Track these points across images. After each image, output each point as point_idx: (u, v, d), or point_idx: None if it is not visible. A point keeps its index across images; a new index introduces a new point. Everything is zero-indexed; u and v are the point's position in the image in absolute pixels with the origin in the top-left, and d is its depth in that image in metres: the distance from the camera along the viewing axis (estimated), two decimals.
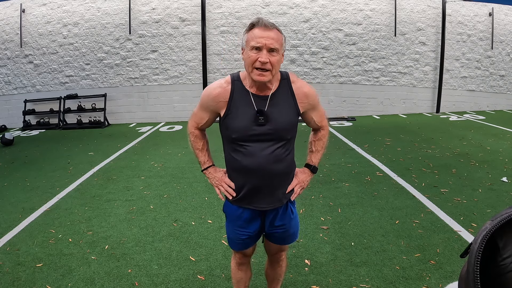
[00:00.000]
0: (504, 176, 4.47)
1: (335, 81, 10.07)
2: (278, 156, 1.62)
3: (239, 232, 1.78)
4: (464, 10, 10.19)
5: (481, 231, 0.52)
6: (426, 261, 2.68)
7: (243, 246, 1.85)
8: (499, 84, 10.70)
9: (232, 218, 1.78)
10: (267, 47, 1.48)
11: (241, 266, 2.00)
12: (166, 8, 9.60)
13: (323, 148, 1.85)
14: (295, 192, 1.76)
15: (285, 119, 1.61)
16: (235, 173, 1.70)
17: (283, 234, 1.81)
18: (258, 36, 1.49)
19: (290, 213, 1.79)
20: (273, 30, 1.50)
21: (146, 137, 7.91)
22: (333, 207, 3.74)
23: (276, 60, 1.51)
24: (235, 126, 1.60)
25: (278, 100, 1.61)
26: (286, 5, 9.64)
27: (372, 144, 6.49)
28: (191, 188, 4.44)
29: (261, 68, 1.49)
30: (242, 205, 1.72)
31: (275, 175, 1.65)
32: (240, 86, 1.62)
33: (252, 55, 1.49)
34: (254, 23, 1.52)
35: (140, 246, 3.07)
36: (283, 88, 1.63)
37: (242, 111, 1.59)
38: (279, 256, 1.99)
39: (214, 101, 1.64)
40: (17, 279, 2.63)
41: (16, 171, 5.51)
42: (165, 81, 9.89)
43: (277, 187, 1.69)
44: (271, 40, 1.48)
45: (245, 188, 1.67)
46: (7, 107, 10.24)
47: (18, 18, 9.77)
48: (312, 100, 1.70)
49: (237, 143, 1.62)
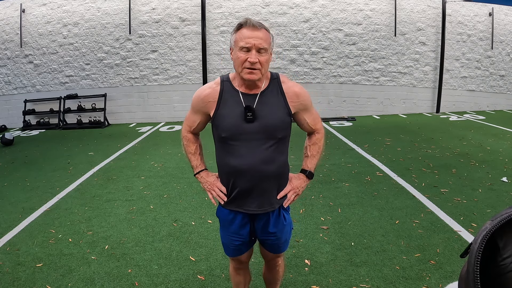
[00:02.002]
0: (504, 176, 4.47)
1: (335, 81, 10.07)
2: (269, 157, 1.60)
3: (232, 238, 1.77)
4: (464, 10, 10.19)
5: (481, 231, 0.52)
6: (426, 261, 2.68)
7: (236, 252, 1.83)
8: (499, 84, 10.70)
9: (225, 223, 1.77)
10: (256, 47, 1.49)
11: (239, 270, 2.00)
12: (166, 8, 9.60)
13: (319, 152, 1.79)
14: (288, 198, 1.72)
15: (274, 116, 1.59)
16: (225, 174, 1.69)
17: (276, 242, 1.79)
18: (246, 37, 1.49)
19: (283, 220, 1.76)
20: (261, 29, 1.51)
21: (146, 137, 7.91)
22: (333, 207, 3.74)
23: (265, 59, 1.52)
24: (224, 124, 1.60)
25: (268, 98, 1.61)
26: (286, 5, 9.64)
27: (372, 144, 6.49)
28: (191, 188, 4.44)
29: (250, 67, 1.51)
30: (233, 208, 1.70)
31: (265, 177, 1.62)
32: (229, 86, 1.63)
33: (241, 56, 1.50)
34: (242, 23, 1.52)
35: (140, 246, 3.07)
36: (272, 87, 1.63)
37: (231, 109, 1.59)
38: (275, 262, 1.98)
39: (203, 102, 1.65)
40: (17, 279, 2.63)
41: (16, 171, 5.51)
42: (165, 81, 9.89)
43: (267, 190, 1.66)
44: (259, 40, 1.49)
45: (235, 190, 1.66)
46: (7, 107, 10.24)
47: (18, 18, 9.77)
48: (304, 100, 1.67)
49: (227, 142, 1.61)
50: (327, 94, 10.02)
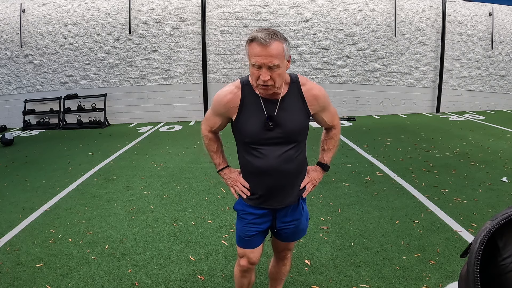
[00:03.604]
0: (504, 176, 4.47)
1: (335, 81, 10.07)
2: (289, 157, 1.67)
3: (249, 228, 1.79)
4: (464, 10, 10.19)
5: (481, 231, 0.52)
6: (426, 261, 2.68)
7: (249, 244, 1.83)
8: (499, 84, 10.70)
9: (245, 213, 1.80)
10: (266, 66, 1.48)
11: (245, 273, 1.96)
12: (166, 8, 9.60)
13: (335, 146, 1.88)
14: (306, 189, 1.81)
15: (294, 123, 1.64)
16: (249, 175, 1.75)
17: (294, 229, 1.84)
18: (256, 54, 1.46)
19: (301, 209, 1.83)
20: (271, 44, 1.45)
21: (146, 137, 7.91)
22: (333, 207, 3.74)
23: (278, 74, 1.50)
24: (247, 131, 1.65)
25: (288, 104, 1.64)
26: (286, 5, 9.64)
27: (372, 144, 6.49)
28: (191, 188, 4.44)
29: (263, 84, 1.52)
30: (255, 205, 1.76)
31: (286, 175, 1.69)
32: (250, 90, 1.64)
33: (254, 72, 1.52)
34: (252, 38, 1.47)
35: (140, 246, 3.07)
36: (292, 92, 1.65)
37: (252, 116, 1.63)
38: (285, 254, 2.02)
39: (225, 108, 1.68)
40: (17, 279, 2.63)
41: (16, 171, 5.51)
42: (165, 81, 9.89)
43: (289, 187, 1.73)
44: (269, 58, 1.46)
45: (259, 190, 1.72)
46: (7, 107, 10.24)
47: (18, 18, 9.77)
48: (322, 102, 1.72)
49: (250, 146, 1.67)
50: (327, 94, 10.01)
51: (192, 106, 9.90)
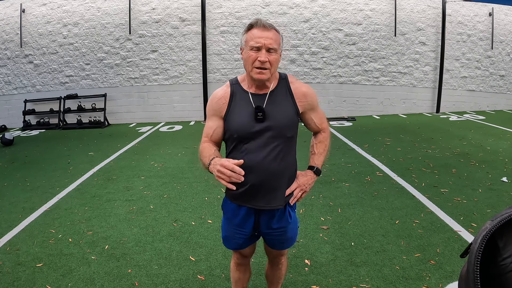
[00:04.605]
0: (504, 176, 4.47)
1: (335, 81, 10.07)
2: (278, 155, 1.63)
3: (234, 231, 1.78)
4: (464, 10, 10.19)
5: (481, 231, 0.52)
6: (426, 261, 2.68)
7: (237, 245, 1.84)
8: (499, 84, 10.70)
9: (229, 215, 1.78)
10: (266, 47, 1.54)
11: (240, 266, 2.01)
12: (166, 8, 9.60)
13: (325, 150, 1.81)
14: (294, 195, 1.72)
15: (284, 115, 1.64)
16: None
17: (280, 237, 1.80)
18: (257, 36, 1.54)
19: (288, 217, 1.75)
20: (271, 30, 1.56)
21: (146, 137, 7.91)
22: (333, 207, 3.74)
23: (275, 59, 1.57)
24: (235, 125, 1.63)
25: (277, 98, 1.65)
26: (286, 5, 9.64)
27: (372, 144, 6.49)
28: (191, 188, 4.44)
29: (260, 67, 1.55)
30: (240, 203, 1.71)
31: (274, 174, 1.65)
32: (239, 87, 1.68)
33: (251, 55, 1.55)
34: (252, 23, 1.57)
35: (140, 246, 3.07)
36: (281, 87, 1.68)
37: (241, 109, 1.64)
38: (279, 260, 1.99)
39: (217, 104, 1.68)
40: (17, 279, 2.63)
41: (16, 171, 5.51)
42: (165, 81, 9.89)
43: (276, 187, 1.67)
44: (269, 40, 1.54)
45: (244, 186, 1.66)
46: (7, 107, 10.24)
47: (18, 18, 9.77)
48: (311, 100, 1.72)
49: (238, 141, 1.65)
50: (327, 94, 10.02)
51: (192, 106, 9.90)
